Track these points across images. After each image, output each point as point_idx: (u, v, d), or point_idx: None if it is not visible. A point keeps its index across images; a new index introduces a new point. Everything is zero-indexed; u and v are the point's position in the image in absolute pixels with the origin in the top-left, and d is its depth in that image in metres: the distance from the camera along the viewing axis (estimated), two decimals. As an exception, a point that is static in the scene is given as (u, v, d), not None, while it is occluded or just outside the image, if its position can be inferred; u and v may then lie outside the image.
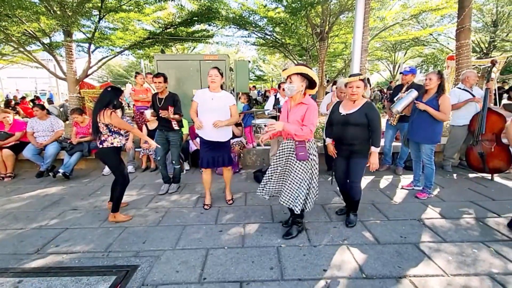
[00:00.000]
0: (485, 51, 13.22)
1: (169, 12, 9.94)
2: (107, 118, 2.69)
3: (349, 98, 2.56)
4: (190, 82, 5.98)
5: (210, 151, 3.06)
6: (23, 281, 2.01)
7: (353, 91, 2.47)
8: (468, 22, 5.82)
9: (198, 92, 3.04)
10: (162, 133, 3.58)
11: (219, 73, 2.95)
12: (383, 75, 25.80)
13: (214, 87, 2.94)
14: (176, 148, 3.67)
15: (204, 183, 3.25)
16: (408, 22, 11.31)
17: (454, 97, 4.00)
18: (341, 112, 2.60)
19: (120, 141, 2.85)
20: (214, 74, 2.91)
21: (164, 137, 3.59)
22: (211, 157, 3.06)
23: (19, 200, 3.59)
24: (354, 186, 2.67)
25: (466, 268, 2.07)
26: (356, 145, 2.55)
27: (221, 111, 2.95)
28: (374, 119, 2.47)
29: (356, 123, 2.50)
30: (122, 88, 10.91)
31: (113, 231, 2.71)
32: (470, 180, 4.01)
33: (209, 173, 3.21)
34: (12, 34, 6.91)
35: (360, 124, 2.49)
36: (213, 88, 2.95)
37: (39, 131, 4.58)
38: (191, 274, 2.05)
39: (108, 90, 2.78)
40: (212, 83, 2.91)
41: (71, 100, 7.76)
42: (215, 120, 2.88)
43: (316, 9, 8.56)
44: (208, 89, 2.98)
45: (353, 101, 2.55)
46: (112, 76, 26.56)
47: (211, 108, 2.93)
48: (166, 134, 3.58)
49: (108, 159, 2.87)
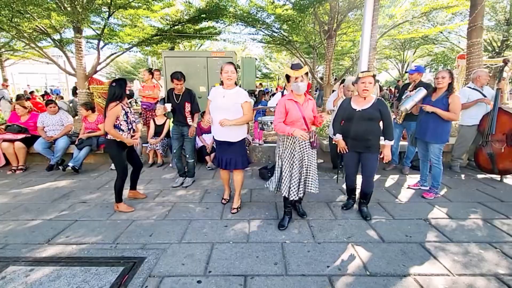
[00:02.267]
0: (497, 50, 12.91)
1: (177, 9, 9.98)
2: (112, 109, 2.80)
3: (361, 94, 2.64)
4: (197, 79, 6.03)
5: (222, 152, 2.94)
6: (34, 269, 2.07)
7: (365, 86, 2.56)
8: (480, 20, 5.69)
9: (212, 89, 2.91)
10: (178, 128, 3.67)
11: (235, 69, 2.75)
12: (391, 74, 25.46)
13: (229, 84, 2.75)
14: (191, 142, 3.72)
15: (223, 180, 3.20)
16: (418, 20, 11.10)
17: (463, 97, 3.93)
18: (356, 108, 2.69)
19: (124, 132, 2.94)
20: (230, 70, 2.69)
21: (179, 131, 3.67)
22: (223, 158, 2.92)
23: (30, 192, 3.69)
24: (370, 179, 2.80)
25: (471, 268, 2.06)
26: (371, 140, 2.67)
27: (231, 109, 2.74)
28: (387, 114, 2.64)
29: (371, 118, 2.63)
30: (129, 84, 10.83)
31: (121, 224, 2.76)
32: (478, 181, 3.95)
33: (226, 171, 3.09)
34: (23, 30, 7.05)
35: (375, 119, 2.64)
36: (228, 85, 2.76)
37: (49, 125, 4.69)
38: (197, 267, 2.09)
39: (113, 85, 2.87)
40: (228, 80, 2.71)
41: (80, 95, 7.89)
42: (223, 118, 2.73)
43: (324, 6, 8.48)
44: (222, 86, 2.83)
45: (364, 98, 2.65)
46: (120, 73, 26.87)
47: (221, 106, 2.75)
48: (181, 129, 3.66)
49: (110, 150, 2.99)
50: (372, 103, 2.64)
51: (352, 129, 2.70)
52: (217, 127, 2.81)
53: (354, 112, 2.68)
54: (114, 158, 3.03)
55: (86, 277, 1.97)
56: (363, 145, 2.70)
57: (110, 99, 2.83)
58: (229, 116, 2.72)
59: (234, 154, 2.89)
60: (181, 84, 3.49)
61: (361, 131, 2.66)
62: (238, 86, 2.90)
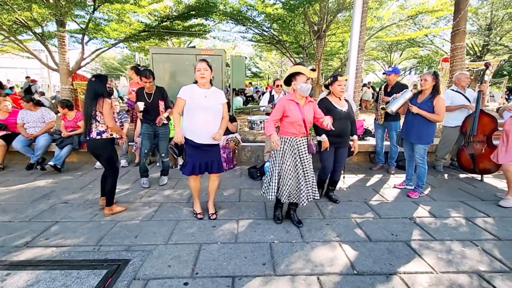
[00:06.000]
0: (478, 54, 13.41)
1: (166, 5, 9.78)
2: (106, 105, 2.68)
3: (338, 94, 3.01)
4: (186, 76, 5.93)
5: (201, 156, 2.65)
6: (11, 273, 1.97)
7: (342, 88, 2.96)
8: (463, 25, 5.89)
9: (184, 89, 2.59)
10: (150, 127, 3.58)
11: (209, 66, 2.55)
12: (378, 75, 25.98)
13: (204, 82, 2.57)
14: (165, 141, 3.69)
15: (193, 190, 2.85)
16: (405, 23, 11.37)
17: (447, 99, 4.05)
18: (341, 109, 3.00)
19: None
20: (203, 67, 2.50)
21: (152, 130, 3.59)
22: (204, 163, 2.67)
23: (8, 192, 3.52)
24: (341, 169, 3.25)
25: (454, 265, 2.11)
26: (347, 136, 3.08)
27: (214, 109, 2.61)
28: (353, 113, 3.13)
29: (350, 118, 3.04)
30: (116, 81, 10.57)
31: (105, 225, 2.67)
32: (460, 181, 4.08)
33: (198, 180, 2.79)
34: (2, 23, 6.72)
35: (351, 117, 3.07)
36: (202, 84, 2.58)
37: (29, 122, 4.49)
38: (184, 268, 2.04)
39: (93, 80, 2.69)
40: (201, 78, 2.53)
41: (63, 92, 7.61)
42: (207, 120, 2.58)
43: (314, 6, 8.54)
44: (197, 85, 2.61)
45: (339, 98, 3.03)
46: (106, 69, 26.13)
47: (205, 106, 2.56)
48: (154, 128, 3.58)
49: (106, 150, 2.83)
50: (348, 104, 3.06)
51: (339, 127, 2.91)
52: (202, 130, 2.58)
53: (341, 113, 2.96)
54: (110, 159, 2.85)
55: (66, 281, 1.89)
56: (342, 141, 3.04)
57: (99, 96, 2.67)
58: (211, 116, 2.60)
59: (214, 156, 2.73)
60: (150, 82, 3.41)
61: (345, 129, 3.01)
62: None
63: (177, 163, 4.65)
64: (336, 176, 3.24)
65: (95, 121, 2.70)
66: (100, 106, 2.67)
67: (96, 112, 2.69)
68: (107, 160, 2.85)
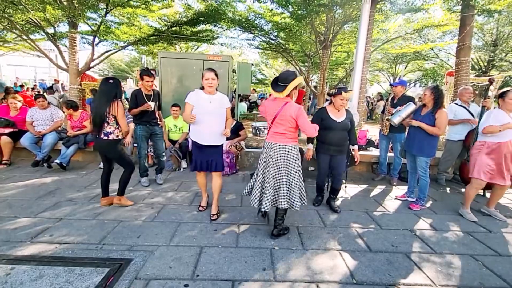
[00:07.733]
0: (483, 69, 13.44)
1: (176, 10, 9.98)
2: (120, 109, 2.80)
3: (338, 107, 3.08)
4: (193, 81, 6.00)
5: (204, 155, 2.88)
6: (15, 268, 2.01)
7: (343, 103, 3.02)
8: (468, 40, 5.95)
9: (191, 94, 2.79)
10: (147, 128, 3.75)
11: (216, 76, 2.77)
12: (383, 86, 26.05)
13: (211, 91, 2.79)
14: (162, 140, 3.94)
15: (200, 185, 3.14)
16: (411, 36, 11.47)
17: (450, 112, 4.08)
18: (337, 120, 3.07)
19: (120, 132, 2.94)
20: (211, 77, 2.72)
21: (149, 131, 3.78)
22: (205, 161, 2.88)
23: (14, 188, 3.57)
24: (340, 177, 3.28)
25: (454, 279, 2.11)
26: (344, 145, 3.18)
27: (219, 114, 2.83)
28: (353, 123, 3.19)
29: (346, 128, 3.11)
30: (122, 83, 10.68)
31: (108, 224, 2.71)
32: (462, 195, 4.06)
33: (203, 176, 3.06)
34: (16, 22, 6.89)
35: (348, 128, 3.13)
36: (209, 92, 2.79)
37: (38, 120, 4.58)
38: (184, 270, 2.07)
39: (111, 82, 2.81)
40: (209, 87, 2.75)
41: (71, 91, 7.73)
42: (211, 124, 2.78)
43: (321, 17, 8.66)
44: (203, 91, 2.80)
45: (338, 110, 3.10)
46: (113, 70, 26.49)
47: (209, 111, 2.76)
48: (151, 129, 3.78)
49: (115, 151, 2.97)
50: (346, 115, 3.11)
51: (334, 137, 3.08)
52: (206, 133, 2.79)
53: (336, 124, 3.06)
54: (119, 157, 3.01)
55: (69, 278, 1.92)
56: (338, 150, 3.14)
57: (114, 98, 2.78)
58: (217, 120, 2.83)
59: (216, 156, 2.92)
60: (152, 81, 3.57)
61: (340, 139, 3.12)
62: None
63: (180, 166, 4.69)
64: (337, 184, 3.29)
65: (104, 121, 2.77)
66: (114, 109, 2.76)
67: (108, 114, 2.76)
68: (117, 158, 3.02)
